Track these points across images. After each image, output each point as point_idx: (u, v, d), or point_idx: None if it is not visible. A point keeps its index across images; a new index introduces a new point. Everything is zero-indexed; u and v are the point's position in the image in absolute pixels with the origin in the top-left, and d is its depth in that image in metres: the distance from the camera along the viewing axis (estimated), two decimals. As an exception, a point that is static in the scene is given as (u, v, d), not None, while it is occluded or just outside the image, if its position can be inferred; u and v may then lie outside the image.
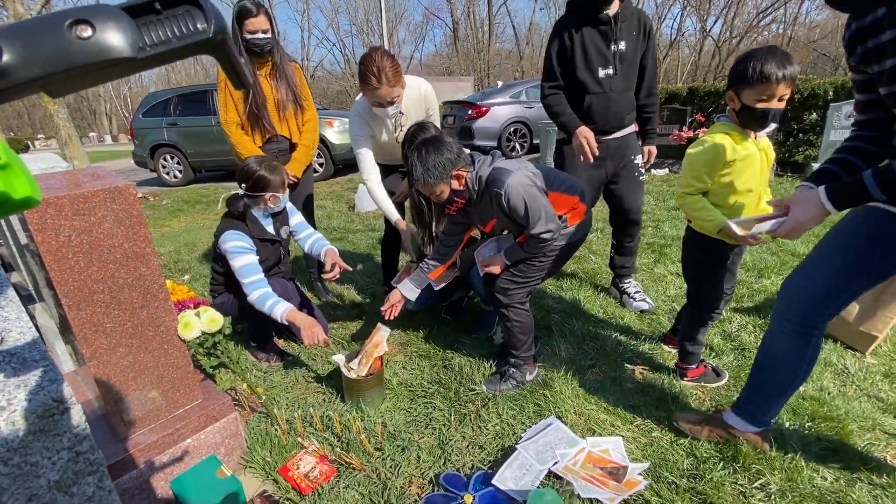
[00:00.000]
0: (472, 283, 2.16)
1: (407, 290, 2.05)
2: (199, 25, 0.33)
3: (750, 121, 1.46)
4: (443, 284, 2.19)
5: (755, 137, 1.54)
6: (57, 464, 0.79)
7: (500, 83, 11.94)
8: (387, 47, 2.49)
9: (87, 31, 0.31)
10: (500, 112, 8.37)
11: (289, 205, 2.25)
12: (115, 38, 0.31)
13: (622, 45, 2.17)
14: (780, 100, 1.41)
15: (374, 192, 2.31)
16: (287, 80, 2.38)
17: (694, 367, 1.87)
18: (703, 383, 1.86)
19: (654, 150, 2.45)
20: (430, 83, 2.31)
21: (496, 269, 1.83)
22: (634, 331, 2.29)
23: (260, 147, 2.43)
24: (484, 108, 8.33)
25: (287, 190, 2.08)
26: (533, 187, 1.67)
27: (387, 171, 2.44)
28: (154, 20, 0.33)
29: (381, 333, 1.93)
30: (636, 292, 2.55)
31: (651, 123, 2.43)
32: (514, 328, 1.87)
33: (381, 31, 16.11)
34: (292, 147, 2.52)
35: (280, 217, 2.18)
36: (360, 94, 2.17)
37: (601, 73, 2.20)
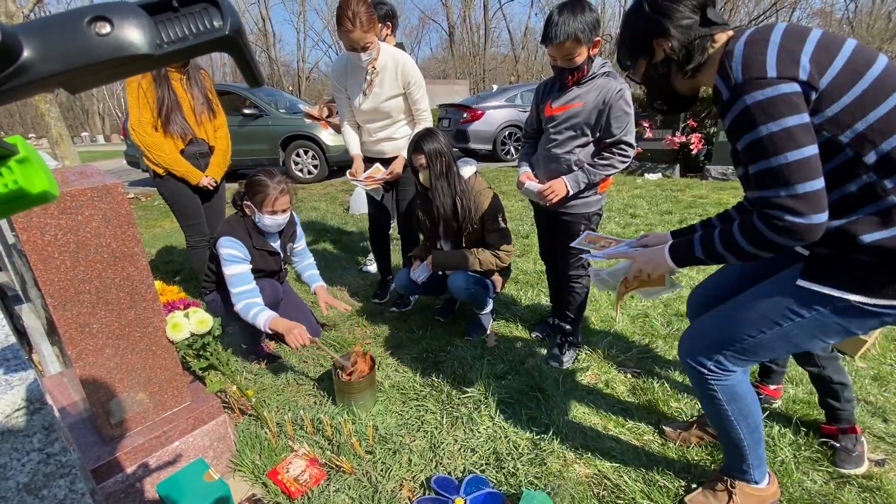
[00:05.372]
0: (453, 288, 2.16)
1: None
2: (215, 23, 0.34)
3: None
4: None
5: None
6: (27, 465, 0.76)
7: (495, 87, 11.97)
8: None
9: (105, 28, 0.32)
10: (495, 115, 8.40)
11: (299, 227, 2.28)
12: (133, 35, 0.32)
13: None
14: None
15: (343, 133, 2.52)
16: (200, 85, 2.43)
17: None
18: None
19: None
20: (425, 82, 2.37)
21: (560, 193, 1.81)
22: (627, 335, 2.29)
23: (181, 151, 2.43)
24: (479, 112, 8.35)
25: (287, 213, 2.04)
26: None
27: (369, 163, 2.50)
28: (171, 17, 0.34)
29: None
30: None
31: None
32: (582, 293, 2.05)
33: (377, 33, 16.12)
34: (211, 150, 2.57)
35: (288, 234, 2.19)
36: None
37: None
